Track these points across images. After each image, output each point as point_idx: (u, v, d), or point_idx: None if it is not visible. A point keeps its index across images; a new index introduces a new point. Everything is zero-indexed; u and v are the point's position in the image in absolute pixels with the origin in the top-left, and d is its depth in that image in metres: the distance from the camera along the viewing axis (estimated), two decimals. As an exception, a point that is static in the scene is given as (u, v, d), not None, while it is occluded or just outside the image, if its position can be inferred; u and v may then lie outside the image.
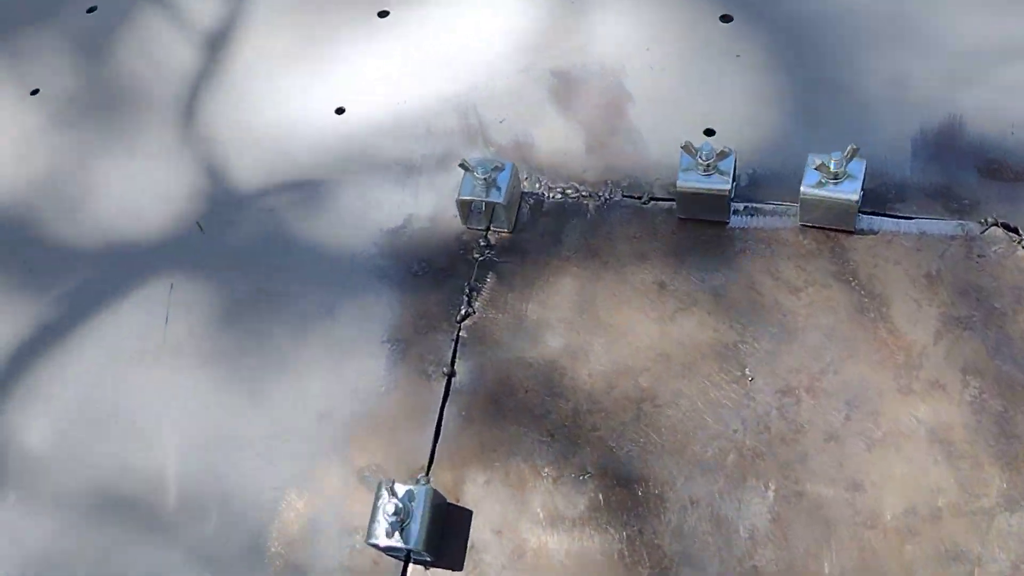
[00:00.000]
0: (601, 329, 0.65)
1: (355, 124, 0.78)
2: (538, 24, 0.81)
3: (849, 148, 0.62)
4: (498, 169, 0.67)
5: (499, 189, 0.68)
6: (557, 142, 0.74)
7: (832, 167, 0.62)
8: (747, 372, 0.61)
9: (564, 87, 0.77)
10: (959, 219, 0.64)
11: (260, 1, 0.87)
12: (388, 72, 0.81)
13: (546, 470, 0.61)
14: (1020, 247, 0.62)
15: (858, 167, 0.63)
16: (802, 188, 0.64)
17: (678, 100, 0.74)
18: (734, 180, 0.65)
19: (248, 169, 0.77)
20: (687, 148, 0.65)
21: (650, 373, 0.62)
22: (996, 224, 0.63)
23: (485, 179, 0.67)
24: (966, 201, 0.65)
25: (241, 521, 0.62)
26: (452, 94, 0.78)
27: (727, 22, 0.78)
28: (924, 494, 0.56)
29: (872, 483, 0.57)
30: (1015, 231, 0.63)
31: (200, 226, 0.73)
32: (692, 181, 0.66)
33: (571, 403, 0.62)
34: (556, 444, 0.62)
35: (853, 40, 0.74)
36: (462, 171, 0.68)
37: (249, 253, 0.73)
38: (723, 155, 0.64)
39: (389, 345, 0.67)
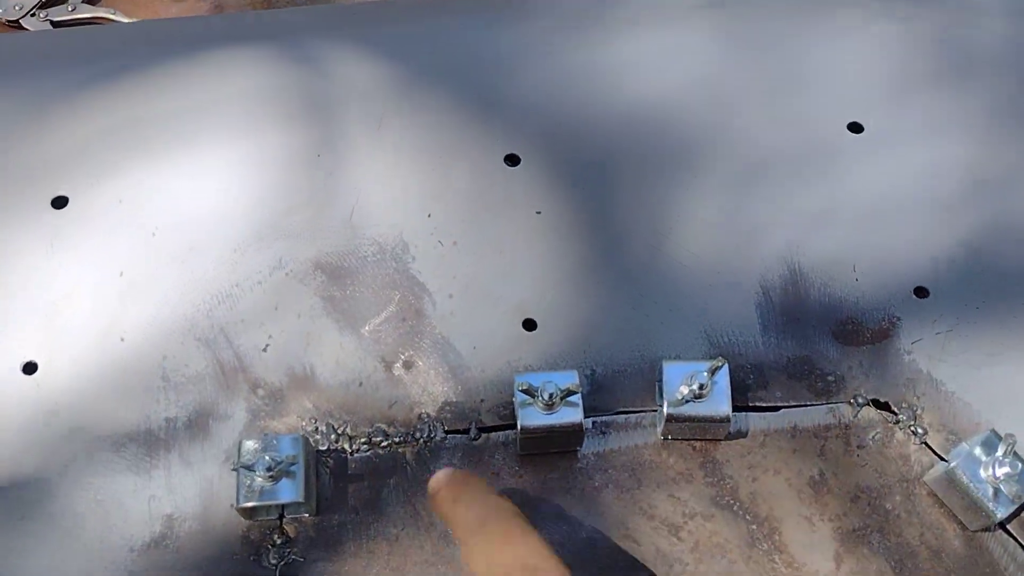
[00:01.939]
0: (459, 632, 0.51)
1: (55, 382, 0.57)
2: (282, 194, 0.63)
3: (713, 363, 0.52)
4: (288, 463, 0.50)
5: (293, 478, 0.51)
6: (346, 367, 0.58)
7: (696, 388, 0.52)
8: (644, 651, 0.51)
9: (336, 284, 0.60)
10: (827, 402, 0.57)
11: None
12: (86, 291, 0.59)
13: None
14: (898, 428, 0.56)
15: (723, 373, 0.53)
16: (665, 408, 0.53)
17: (482, 284, 0.60)
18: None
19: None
20: (526, 391, 0.52)
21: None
22: (867, 403, 0.57)
23: (271, 475, 0.50)
24: (830, 377, 0.57)
25: None
26: (188, 315, 0.59)
27: (514, 165, 0.64)
28: None
29: None
30: (887, 408, 0.57)
31: None
32: (535, 420, 0.53)
33: None
34: None
35: (657, 178, 0.64)
36: (236, 473, 0.50)
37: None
38: (570, 392, 0.52)
39: None
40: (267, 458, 0.50)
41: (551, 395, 0.52)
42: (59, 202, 0.62)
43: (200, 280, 0.60)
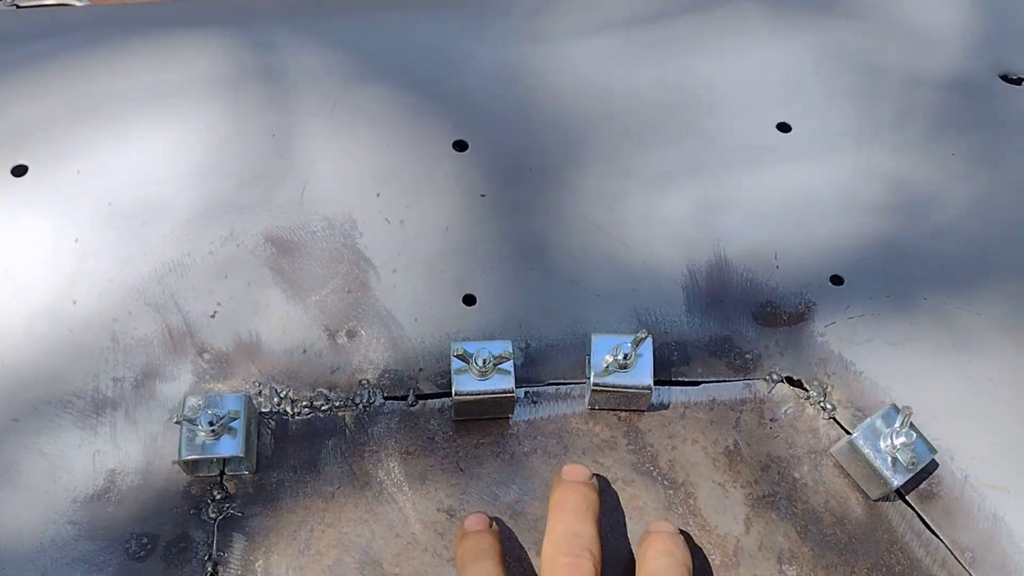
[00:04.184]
0: (389, 585, 0.54)
1: (7, 340, 0.59)
2: (236, 170, 0.65)
3: (637, 335, 0.56)
4: (230, 418, 0.52)
5: (234, 435, 0.53)
6: (291, 335, 0.60)
7: (621, 358, 0.56)
8: (564, 606, 0.54)
9: (285, 257, 0.63)
10: (745, 378, 0.61)
11: None
12: (42, 255, 0.61)
13: None
14: (809, 403, 0.60)
15: (646, 346, 0.57)
16: (591, 378, 0.57)
17: (427, 261, 0.63)
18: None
19: None
20: (461, 356, 0.55)
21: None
22: (781, 380, 0.60)
23: (213, 430, 0.52)
24: (748, 356, 0.61)
25: None
26: (139, 282, 0.61)
27: (462, 150, 0.68)
28: None
29: None
30: (800, 385, 0.60)
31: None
32: (469, 386, 0.56)
33: None
34: None
35: (594, 169, 0.67)
36: (179, 426, 0.53)
37: None
38: (502, 358, 0.55)
39: (118, 670, 0.51)
40: (209, 412, 0.52)
41: (484, 361, 0.55)
42: (19, 170, 0.64)
43: (153, 248, 0.62)
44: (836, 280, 0.64)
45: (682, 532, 0.55)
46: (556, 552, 0.51)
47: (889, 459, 0.55)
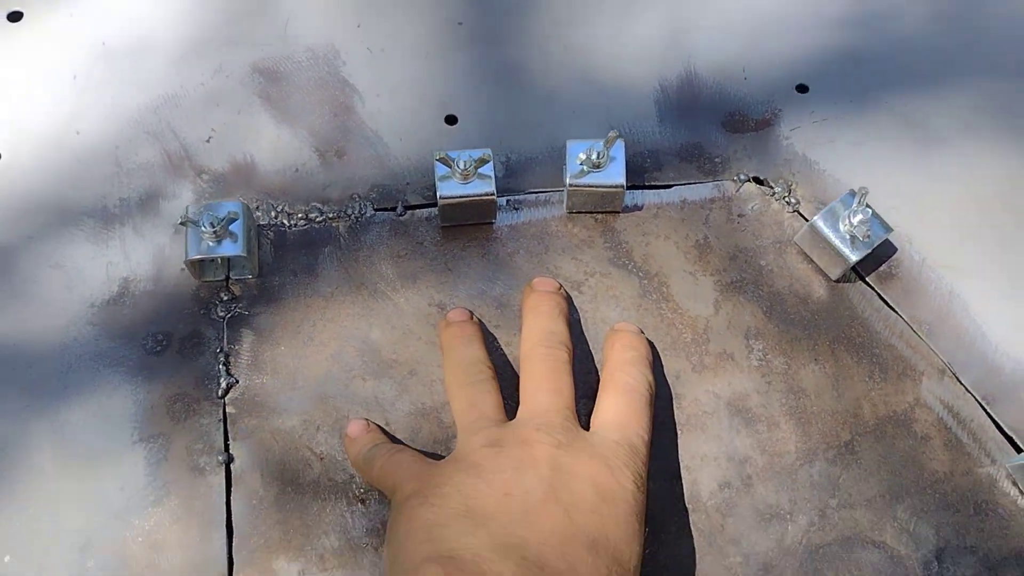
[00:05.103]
0: (387, 370, 0.58)
1: (16, 170, 0.62)
2: (221, 7, 0.68)
3: (608, 136, 0.59)
4: (229, 219, 0.56)
5: (235, 238, 0.57)
6: (283, 156, 0.64)
7: (594, 158, 0.59)
8: (549, 384, 0.58)
9: (273, 86, 0.66)
10: (714, 179, 0.64)
11: None
12: (43, 93, 0.65)
13: (365, 540, 0.55)
14: (774, 199, 0.63)
15: (618, 148, 0.60)
16: (567, 180, 0.60)
17: (409, 85, 0.66)
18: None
19: None
20: (443, 160, 0.58)
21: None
22: (748, 180, 0.64)
23: (215, 231, 0.56)
24: (717, 159, 0.65)
25: None
26: (136, 113, 0.64)
27: (439, -18, 0.70)
28: (734, 466, 0.57)
29: (686, 468, 0.57)
30: (766, 183, 0.64)
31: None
32: (452, 190, 0.59)
33: (375, 463, 0.56)
34: (369, 509, 0.56)
35: (574, -10, 0.70)
36: (184, 227, 0.57)
37: (-80, 374, 0.57)
38: (482, 161, 0.59)
39: (144, 445, 0.55)
40: (210, 215, 0.56)
41: (466, 164, 0.58)
42: (14, 16, 0.67)
43: (147, 82, 0.65)
44: (801, 88, 0.67)
45: (654, 315, 0.60)
46: (534, 344, 0.55)
47: (848, 237, 0.59)
